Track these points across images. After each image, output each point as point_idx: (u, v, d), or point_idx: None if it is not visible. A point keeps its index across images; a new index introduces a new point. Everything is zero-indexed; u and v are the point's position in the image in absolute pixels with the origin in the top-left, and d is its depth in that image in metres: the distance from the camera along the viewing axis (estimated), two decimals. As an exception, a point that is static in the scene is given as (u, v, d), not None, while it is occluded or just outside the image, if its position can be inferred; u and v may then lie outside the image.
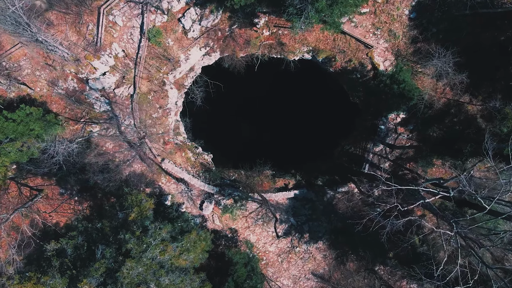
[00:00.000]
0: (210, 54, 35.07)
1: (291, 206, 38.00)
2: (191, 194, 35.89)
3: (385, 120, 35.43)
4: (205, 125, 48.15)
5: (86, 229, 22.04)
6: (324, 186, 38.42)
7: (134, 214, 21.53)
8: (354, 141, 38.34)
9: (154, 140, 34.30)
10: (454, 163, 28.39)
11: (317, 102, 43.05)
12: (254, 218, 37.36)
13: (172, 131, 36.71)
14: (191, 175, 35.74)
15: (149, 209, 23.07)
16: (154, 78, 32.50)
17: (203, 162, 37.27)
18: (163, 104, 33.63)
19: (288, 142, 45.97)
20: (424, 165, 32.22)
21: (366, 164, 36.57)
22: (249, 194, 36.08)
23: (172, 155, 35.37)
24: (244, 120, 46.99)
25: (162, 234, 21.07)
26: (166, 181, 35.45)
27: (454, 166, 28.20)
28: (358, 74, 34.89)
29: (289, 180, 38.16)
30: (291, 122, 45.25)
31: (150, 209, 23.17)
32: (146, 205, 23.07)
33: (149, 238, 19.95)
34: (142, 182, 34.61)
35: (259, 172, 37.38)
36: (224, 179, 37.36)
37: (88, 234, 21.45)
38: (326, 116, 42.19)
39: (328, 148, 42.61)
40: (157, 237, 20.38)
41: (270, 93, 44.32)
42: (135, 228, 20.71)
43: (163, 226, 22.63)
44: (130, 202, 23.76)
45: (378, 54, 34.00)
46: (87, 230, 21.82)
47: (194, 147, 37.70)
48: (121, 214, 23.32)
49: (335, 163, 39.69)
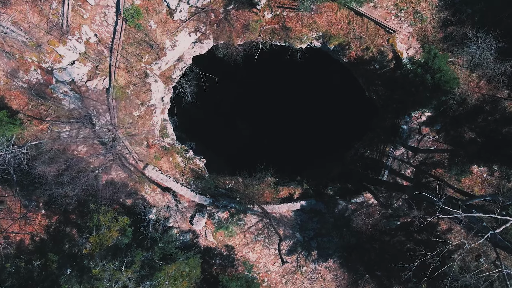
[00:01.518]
0: (201, 42, 29.76)
1: (297, 219, 32.65)
2: (180, 206, 30.56)
3: (408, 119, 30.08)
4: (197, 125, 43.00)
5: (18, 270, 16.74)
6: (335, 195, 33.08)
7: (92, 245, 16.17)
8: (370, 144, 32.98)
9: (136, 143, 29.01)
10: (507, 172, 22.99)
11: (326, 98, 37.69)
12: (254, 234, 32.02)
13: (158, 132, 31.41)
14: (180, 183, 30.41)
15: (112, 237, 17.69)
16: (134, 69, 27.19)
17: (194, 168, 31.95)
18: (145, 99, 28.32)
19: (293, 145, 40.64)
20: (458, 173, 26.85)
21: (385, 170, 31.21)
22: (248, 206, 30.75)
23: (157, 160, 30.06)
24: (242, 118, 41.66)
25: (123, 279, 15.68)
26: (151, 190, 30.14)
27: (507, 176, 22.81)
28: (376, 65, 29.55)
29: (295, 189, 32.82)
30: (296, 121, 39.90)
31: (113, 238, 17.77)
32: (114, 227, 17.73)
33: (105, 284, 14.64)
34: (122, 192, 29.31)
35: (259, 180, 32.05)
36: (219, 188, 32.04)
37: (22, 276, 16.14)
38: (337, 115, 36.85)
39: (339, 151, 37.26)
40: (117, 282, 15.06)
41: (272, 87, 38.86)
42: (91, 264, 15.39)
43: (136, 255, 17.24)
44: (96, 222, 18.45)
45: (400, 41, 28.66)
46: (19, 272, 16.51)
47: (184, 150, 32.39)
48: (83, 240, 18.07)
49: (347, 169, 34.33)
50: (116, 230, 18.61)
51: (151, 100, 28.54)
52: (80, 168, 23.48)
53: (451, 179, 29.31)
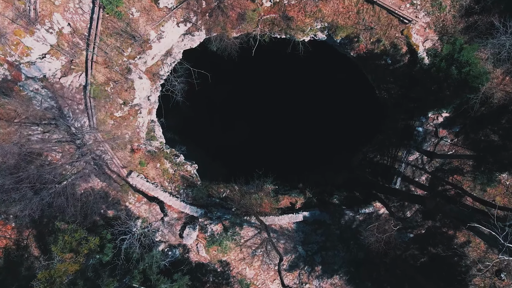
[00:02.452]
0: (192, 34, 26.53)
1: (299, 231, 29.43)
2: (168, 218, 27.36)
3: (424, 120, 26.86)
4: (191, 126, 39.83)
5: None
6: (342, 205, 29.86)
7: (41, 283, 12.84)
8: (380, 148, 29.74)
9: (118, 147, 25.79)
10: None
11: (331, 96, 34.41)
12: (251, 248, 28.80)
13: (145, 135, 28.17)
14: (168, 192, 27.18)
15: (66, 273, 14.35)
16: (114, 64, 23.95)
17: (184, 175, 28.72)
18: (128, 98, 25.08)
19: (295, 148, 37.40)
20: (485, 183, 23.58)
21: (397, 177, 27.98)
22: (245, 217, 27.53)
23: (142, 166, 26.82)
24: (238, 120, 38.40)
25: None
26: (135, 200, 26.91)
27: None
28: (388, 60, 26.32)
29: (296, 198, 29.58)
30: (298, 122, 36.65)
31: (68, 273, 14.45)
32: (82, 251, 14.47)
33: None
34: (103, 203, 26.11)
35: (257, 188, 28.86)
36: (212, 198, 28.82)
37: None
38: (343, 115, 33.59)
39: (346, 155, 34.03)
40: None
41: (272, 84, 35.55)
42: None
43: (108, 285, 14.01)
44: (60, 245, 15.22)
45: (416, 32, 25.43)
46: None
47: (173, 155, 29.16)
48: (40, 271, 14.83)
49: (354, 175, 31.10)
50: (84, 254, 15.38)
51: (134, 99, 25.29)
52: (47, 179, 20.21)
53: (475, 188, 26.06)
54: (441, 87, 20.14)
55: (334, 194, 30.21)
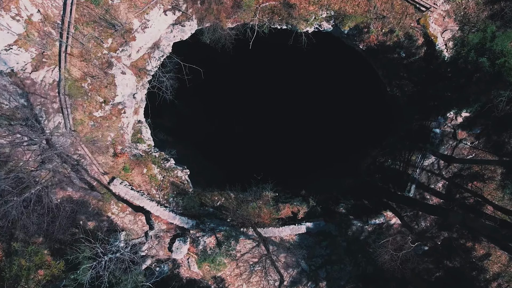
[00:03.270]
0: (182, 23, 23.73)
1: (302, 244, 26.59)
2: (155, 231, 24.53)
3: (442, 120, 24.02)
4: (184, 127, 37.09)
5: None
6: (349, 214, 27.01)
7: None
8: (391, 151, 26.87)
9: (99, 151, 22.96)
10: None
11: (336, 94, 31.54)
12: (248, 263, 25.96)
13: (130, 137, 25.33)
14: (156, 201, 24.35)
15: None
16: (93, 56, 21.12)
17: (175, 181, 25.88)
18: (109, 96, 22.24)
19: (296, 151, 34.59)
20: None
21: (411, 184, 25.13)
22: (241, 229, 24.71)
23: (127, 172, 23.99)
24: (235, 120, 35.56)
25: None
26: (119, 210, 24.08)
27: None
28: (402, 52, 23.49)
29: (299, 207, 26.73)
30: (300, 122, 33.82)
31: None
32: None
33: None
34: (82, 213, 23.30)
35: (255, 195, 26.05)
36: (205, 207, 25.98)
37: None
38: (350, 115, 30.73)
39: (353, 159, 31.20)
40: None
41: (271, 80, 32.65)
42: None
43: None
44: (15, 272, 12.43)
45: (434, 21, 22.60)
46: None
47: (162, 159, 26.30)
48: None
49: (363, 181, 28.24)
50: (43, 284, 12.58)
51: (116, 97, 22.45)
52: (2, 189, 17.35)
53: (503, 198, 23.19)
54: (469, 82, 17.34)
55: (340, 202, 27.36)
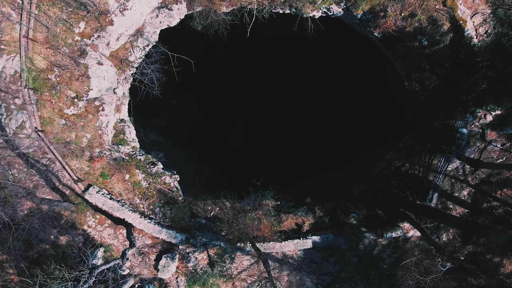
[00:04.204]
0: (169, 7, 20.52)
1: (307, 259, 23.36)
2: (140, 244, 21.34)
3: (471, 118, 20.79)
4: (174, 128, 33.94)
5: None
6: (360, 226, 23.80)
7: None
8: (409, 154, 23.63)
9: (72, 155, 19.75)
10: None
11: (345, 89, 28.28)
12: (246, 282, 22.74)
13: (111, 138, 22.12)
14: (139, 212, 21.15)
15: None
16: (61, 43, 17.90)
17: (162, 189, 22.66)
18: (81, 90, 19.02)
19: (300, 152, 31.39)
20: None
21: (433, 193, 21.89)
22: (238, 244, 21.51)
23: (105, 179, 20.78)
24: (230, 118, 32.34)
25: None
26: (96, 223, 20.88)
27: None
28: (424, 40, 20.27)
29: (304, 218, 23.50)
30: (304, 120, 30.57)
31: None
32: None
33: None
34: (54, 226, 20.11)
35: (254, 204, 22.85)
36: (197, 218, 22.76)
37: None
38: (360, 113, 27.50)
39: (363, 161, 28.01)
40: None
41: (271, 73, 29.39)
42: None
43: None
44: None
45: (463, 3, 19.35)
46: None
47: (148, 163, 23.08)
48: None
49: (376, 188, 25.00)
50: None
51: (90, 91, 19.22)
52: None
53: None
54: None
55: (350, 212, 24.13)
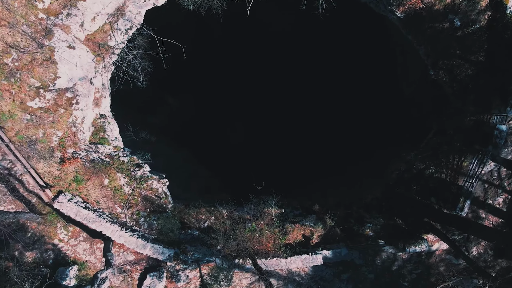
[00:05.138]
0: (155, -19, 17.38)
1: (316, 277, 20.22)
2: (121, 262, 18.20)
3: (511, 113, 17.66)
4: (175, 124, 31.07)
5: None
6: (378, 238, 20.68)
7: None
8: (434, 155, 20.47)
9: (39, 156, 16.61)
10: None
11: (360, 79, 25.17)
12: (245, 303, 19.61)
13: (88, 137, 18.98)
14: (120, 224, 18.01)
15: None
16: (21, 21, 14.75)
17: (148, 195, 19.53)
18: (46, 78, 15.87)
19: (305, 154, 28.28)
20: None
21: (465, 200, 18.73)
22: (236, 260, 18.37)
23: (80, 184, 17.64)
24: (229, 115, 29.23)
25: None
26: (69, 237, 17.75)
27: None
28: (457, 20, 17.14)
29: (312, 229, 20.35)
30: (311, 113, 27.46)
31: None
32: None
33: None
34: (19, 241, 16.96)
35: (255, 213, 19.74)
36: (189, 229, 19.63)
37: None
38: (377, 106, 24.39)
39: (376, 163, 24.93)
40: None
41: (274, 59, 26.20)
42: None
43: None
44: None
45: (505, -26, 16.21)
46: None
47: (133, 166, 19.95)
48: None
49: (394, 193, 21.87)
50: None
51: (57, 80, 16.06)
52: None
53: None
54: None
55: (365, 221, 20.99)
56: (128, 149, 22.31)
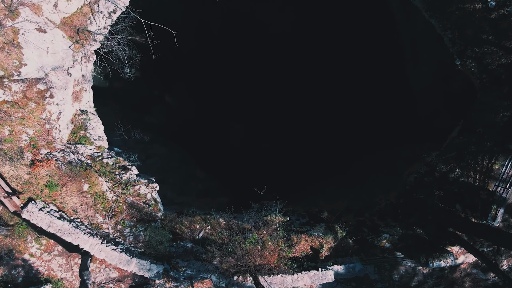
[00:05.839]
0: (141, -45, 14.98)
1: (326, 294, 17.85)
2: (103, 280, 15.81)
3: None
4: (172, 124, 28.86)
5: None
6: (395, 250, 18.31)
7: None
8: (459, 156, 18.09)
9: (5, 158, 14.23)
10: None
11: (364, 75, 22.84)
12: (246, 325, 17.19)
13: (66, 136, 16.62)
14: (101, 236, 15.61)
15: None
16: (-23, -3, 12.36)
17: (135, 202, 17.16)
18: (8, 66, 13.48)
19: (310, 154, 25.92)
20: None
21: (498, 208, 16.35)
22: (235, 277, 15.99)
23: (53, 190, 15.25)
24: (228, 113, 26.93)
25: None
26: (42, 250, 15.38)
27: None
28: (491, 0, 14.78)
29: (321, 240, 17.96)
30: (317, 113, 25.14)
31: None
32: None
33: None
34: (-18, 256, 14.59)
35: (256, 222, 17.36)
36: (181, 241, 17.23)
37: None
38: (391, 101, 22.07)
39: (389, 165, 22.59)
40: None
41: (277, 59, 23.89)
42: None
43: None
44: None
45: None
46: None
47: (119, 168, 17.59)
48: None
49: (412, 199, 19.49)
50: None
51: (24, 68, 13.66)
52: None
53: None
54: None
55: (380, 230, 18.63)
56: (118, 149, 20.06)
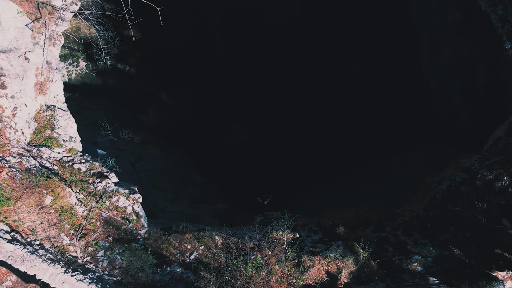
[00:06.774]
0: None
1: (345, 329, 14.71)
2: (67, 316, 12.63)
3: None
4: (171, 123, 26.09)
5: None
6: (428, 274, 15.18)
7: None
8: (506, 161, 14.97)
9: None
10: None
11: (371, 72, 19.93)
12: None
13: (28, 137, 13.50)
14: (66, 262, 12.45)
15: None
16: None
17: (112, 217, 14.03)
18: None
19: (319, 158, 22.87)
20: None
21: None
22: (234, 313, 12.85)
23: (5, 205, 12.08)
24: (225, 110, 24.00)
25: None
26: (-10, 281, 12.19)
27: None
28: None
29: (339, 263, 14.81)
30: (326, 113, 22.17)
31: None
32: None
33: None
34: None
35: (260, 239, 14.28)
36: (170, 265, 14.08)
37: None
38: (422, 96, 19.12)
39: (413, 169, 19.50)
40: None
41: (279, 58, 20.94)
42: None
43: None
44: None
45: None
46: None
47: (93, 175, 14.46)
48: None
49: (445, 211, 16.38)
50: None
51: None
52: None
53: None
54: None
55: (410, 251, 15.51)
56: (103, 151, 17.12)
